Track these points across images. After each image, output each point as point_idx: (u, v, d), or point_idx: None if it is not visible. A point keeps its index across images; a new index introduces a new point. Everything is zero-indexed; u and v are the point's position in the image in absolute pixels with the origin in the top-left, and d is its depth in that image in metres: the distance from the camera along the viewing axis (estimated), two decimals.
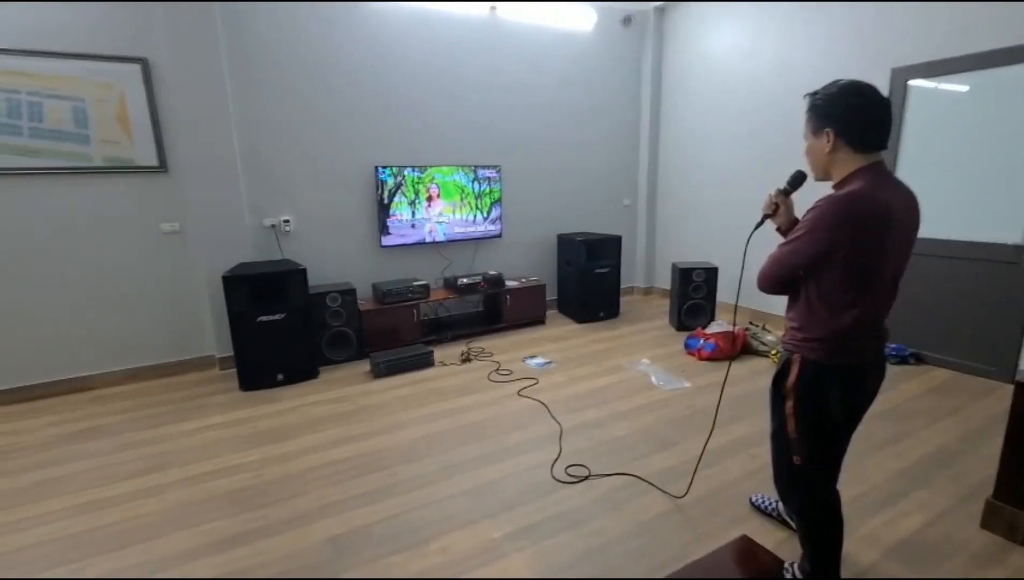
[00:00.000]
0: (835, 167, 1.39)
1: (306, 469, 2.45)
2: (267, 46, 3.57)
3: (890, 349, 3.59)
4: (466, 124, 4.40)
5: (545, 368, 3.63)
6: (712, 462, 2.42)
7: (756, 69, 4.32)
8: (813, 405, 1.46)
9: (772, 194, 1.56)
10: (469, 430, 2.79)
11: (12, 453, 2.68)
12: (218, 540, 1.98)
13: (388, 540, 1.96)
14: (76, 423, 2.99)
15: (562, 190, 5.02)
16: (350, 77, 3.88)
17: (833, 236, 1.30)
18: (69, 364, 3.37)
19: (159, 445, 2.72)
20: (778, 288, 1.49)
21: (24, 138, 3.01)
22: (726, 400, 3.02)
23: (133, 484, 2.38)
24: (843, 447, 1.57)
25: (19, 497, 2.30)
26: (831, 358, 1.41)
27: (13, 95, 2.95)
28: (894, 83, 3.47)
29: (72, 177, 3.18)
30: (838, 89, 1.35)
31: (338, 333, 3.70)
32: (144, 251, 3.45)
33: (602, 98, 5.04)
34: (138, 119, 3.26)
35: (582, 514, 2.09)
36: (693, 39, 4.83)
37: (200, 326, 3.67)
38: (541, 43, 4.59)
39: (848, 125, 1.34)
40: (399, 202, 4.08)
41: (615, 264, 4.75)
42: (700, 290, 4.28)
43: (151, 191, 3.39)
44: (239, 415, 3.03)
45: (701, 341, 3.76)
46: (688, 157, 5.06)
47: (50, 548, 1.97)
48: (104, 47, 3.13)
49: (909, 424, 2.78)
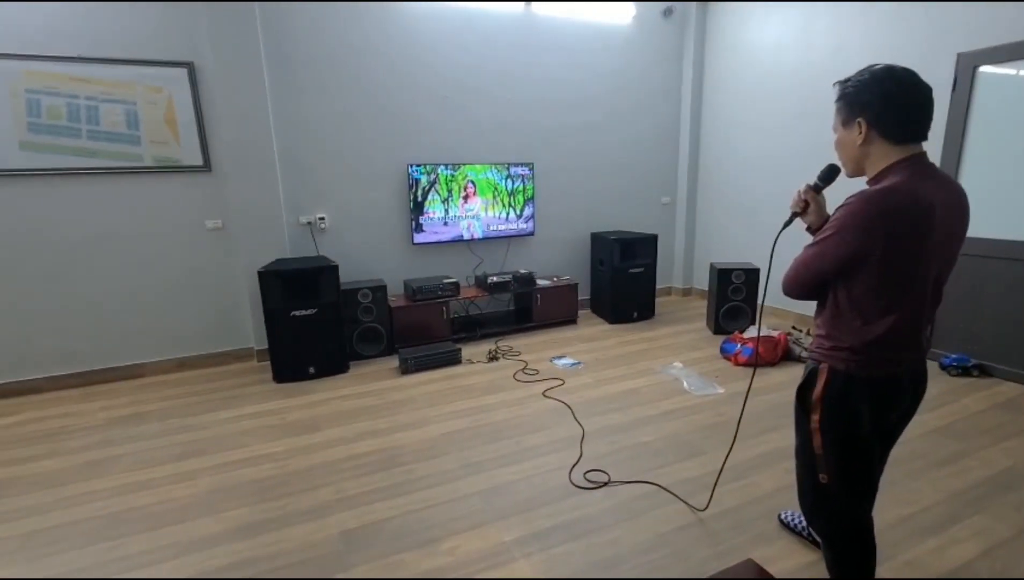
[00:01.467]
0: (868, 161, 1.27)
1: (329, 461, 2.50)
2: (303, 48, 3.67)
3: (950, 359, 3.30)
4: (499, 121, 4.38)
5: (573, 369, 3.56)
6: (741, 475, 2.30)
7: (806, 60, 4.07)
8: (841, 420, 1.34)
9: (801, 190, 1.44)
10: (491, 429, 2.77)
11: (68, 434, 2.87)
12: (239, 527, 2.05)
13: (399, 537, 1.96)
14: (125, 408, 3.17)
15: (597, 188, 4.91)
16: (384, 76, 3.93)
17: (865, 237, 1.18)
18: (123, 352, 3.59)
19: (197, 432, 2.85)
20: (805, 292, 1.37)
21: (82, 140, 3.22)
22: (762, 409, 2.90)
23: (169, 468, 2.50)
24: (876, 467, 1.43)
25: (69, 476, 2.46)
26: (862, 369, 1.29)
27: (73, 100, 3.16)
28: (960, 70, 3.18)
29: (124, 176, 3.38)
30: (870, 75, 1.22)
31: (369, 329, 3.77)
32: (189, 247, 3.62)
33: (640, 93, 4.90)
34: (185, 121, 3.43)
35: (597, 522, 2.02)
36: (738, 31, 4.60)
37: (240, 319, 3.83)
38: (577, 38, 4.50)
39: (882, 114, 1.21)
40: (432, 200, 4.11)
41: (650, 264, 4.61)
42: (739, 292, 4.08)
43: (196, 189, 3.56)
44: (271, 406, 3.13)
45: (738, 345, 3.59)
46: (731, 154, 4.84)
47: (89, 526, 2.10)
48: (154, 52, 3.30)
49: (970, 442, 2.54)
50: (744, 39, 4.57)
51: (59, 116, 3.15)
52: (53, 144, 3.17)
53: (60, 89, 3.13)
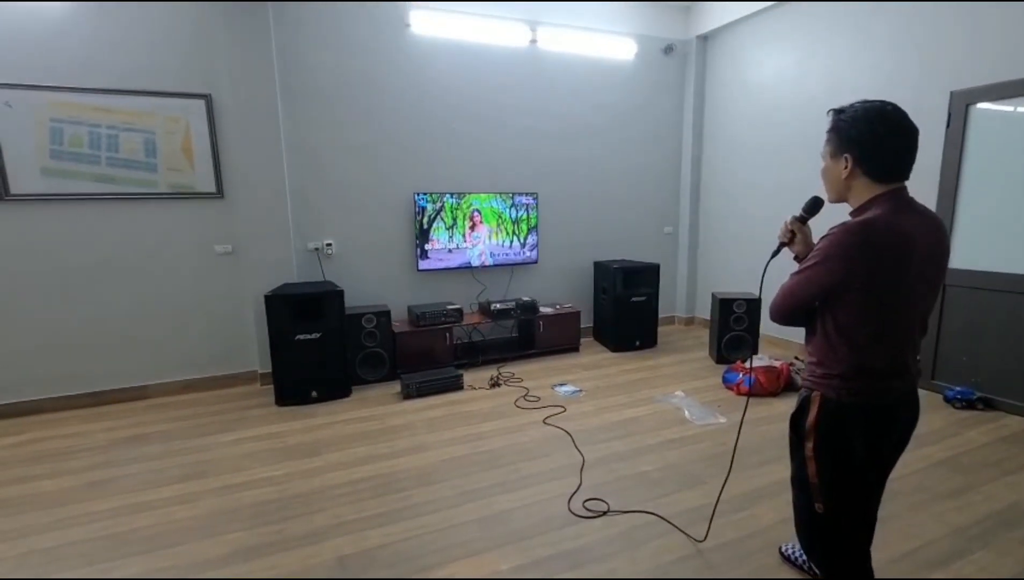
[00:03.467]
0: (851, 193, 1.32)
1: (327, 486, 2.50)
2: (314, 79, 3.81)
3: (954, 392, 3.28)
4: (505, 152, 4.50)
5: (574, 396, 3.56)
6: (742, 506, 2.28)
7: (803, 95, 4.18)
8: (835, 447, 1.35)
9: (788, 221, 1.49)
10: (490, 456, 2.77)
11: (71, 454, 2.89)
12: (237, 550, 2.05)
13: (395, 564, 1.95)
14: (129, 429, 3.20)
15: (600, 217, 4.99)
16: (392, 107, 4.07)
17: (847, 267, 1.22)
18: (129, 373, 3.64)
19: (199, 454, 2.86)
20: (791, 319, 1.41)
21: (102, 166, 3.35)
22: (763, 440, 2.88)
23: (171, 490, 2.50)
24: (873, 496, 1.43)
25: (70, 496, 2.47)
26: (853, 397, 1.31)
27: (95, 128, 3.30)
28: (953, 107, 3.25)
29: (140, 202, 3.49)
30: (864, 111, 1.27)
31: (372, 353, 3.80)
32: (199, 270, 3.70)
33: (643, 125, 5.02)
34: (200, 149, 3.55)
35: (595, 552, 2.01)
36: (737, 66, 4.75)
37: (246, 343, 3.87)
38: (581, 72, 4.66)
39: (869, 154, 1.27)
40: (438, 228, 4.20)
41: (653, 293, 4.64)
42: (741, 322, 4.09)
43: (208, 215, 3.66)
44: (273, 429, 3.14)
45: (740, 375, 3.58)
46: (732, 185, 4.92)
47: (89, 546, 2.10)
48: (174, 84, 3.45)
49: (974, 476, 2.51)
50: (743, 74, 4.70)
51: (80, 144, 3.28)
52: (73, 170, 3.29)
53: (83, 118, 3.26)
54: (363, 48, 3.92)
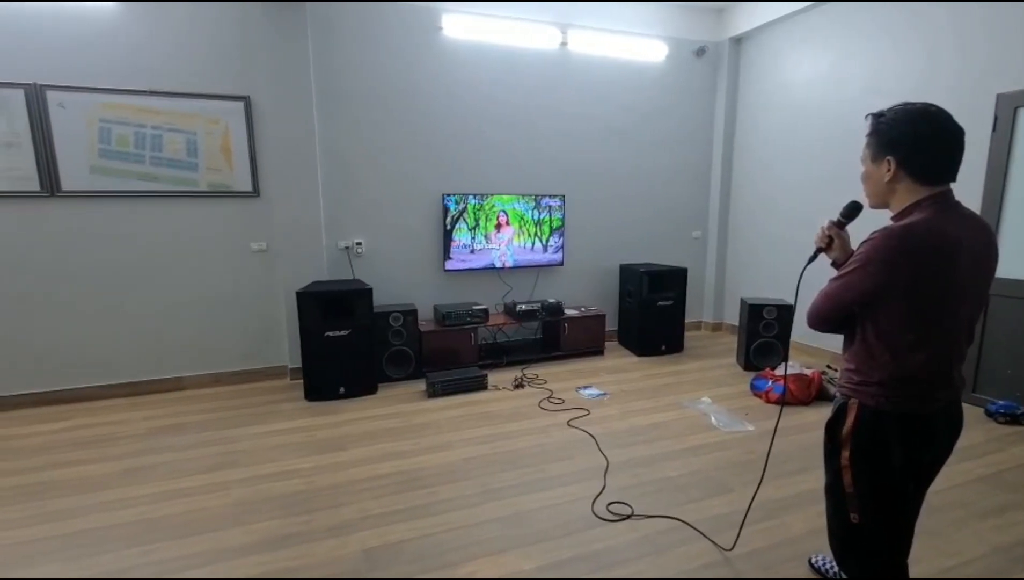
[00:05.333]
0: (894, 197, 1.29)
1: (353, 480, 2.54)
2: (348, 82, 3.90)
3: (997, 405, 3.14)
4: (533, 154, 4.51)
5: (598, 399, 3.54)
6: (771, 515, 2.23)
7: (839, 98, 4.08)
8: (872, 457, 1.31)
9: (825, 226, 1.46)
10: (513, 456, 2.77)
11: (114, 441, 3.01)
12: (266, 539, 2.10)
13: (419, 559, 1.98)
14: (167, 419, 3.31)
15: (627, 220, 4.96)
16: (422, 109, 4.13)
17: (888, 272, 1.19)
18: (166, 365, 3.77)
19: (230, 444, 2.94)
20: (829, 325, 1.38)
21: (146, 165, 3.49)
22: (794, 448, 2.82)
23: (203, 479, 2.59)
24: (911, 509, 1.39)
25: (111, 481, 2.58)
26: (893, 405, 1.27)
27: (140, 129, 3.44)
28: (1000, 110, 3.13)
29: (181, 200, 3.62)
30: (905, 113, 1.24)
31: (398, 352, 3.85)
32: (234, 267, 3.82)
33: (673, 128, 4.97)
34: (238, 150, 3.66)
35: (618, 555, 1.99)
36: (771, 69, 4.66)
37: (277, 338, 3.97)
38: (611, 75, 4.64)
39: (912, 155, 1.23)
40: (460, 228, 4.23)
41: (680, 297, 4.59)
42: (771, 328, 4.01)
43: (244, 213, 3.77)
44: (301, 423, 3.22)
45: (769, 382, 3.51)
46: (763, 189, 4.83)
47: (128, 530, 2.18)
48: (215, 87, 3.57)
49: (1018, 494, 2.40)
50: (776, 77, 4.61)
51: (126, 143, 3.42)
52: (120, 169, 3.44)
53: (130, 119, 3.41)
54: (396, 51, 3.98)
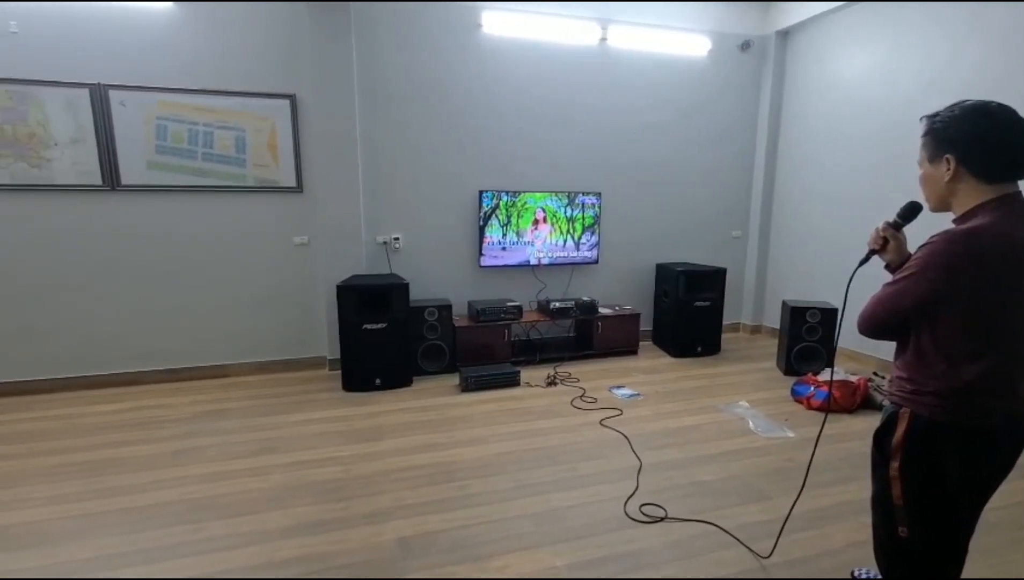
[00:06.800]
0: (956, 199, 1.22)
1: (389, 470, 2.60)
2: (389, 79, 3.96)
3: None
4: (570, 150, 4.49)
5: (632, 400, 3.51)
6: (811, 524, 2.17)
7: (892, 95, 3.89)
8: (924, 469, 1.26)
9: (879, 227, 1.39)
10: (545, 453, 2.78)
11: (160, 424, 3.17)
12: (305, 523, 2.17)
13: (452, 549, 2.00)
14: (211, 404, 3.46)
15: (664, 219, 4.88)
16: (461, 107, 4.16)
17: (949, 279, 1.14)
18: (211, 353, 3.94)
19: (271, 431, 3.05)
20: (881, 332, 1.32)
21: (198, 161, 3.64)
22: (838, 457, 2.72)
23: (246, 463, 2.69)
24: (964, 525, 1.32)
25: (160, 461, 2.71)
26: (948, 416, 1.21)
27: (193, 126, 3.59)
28: None
29: (229, 194, 3.77)
30: (961, 111, 1.18)
31: (433, 346, 3.91)
32: (277, 260, 3.95)
33: (714, 125, 4.86)
34: (284, 146, 3.79)
35: (651, 557, 1.97)
36: (820, 63, 4.49)
37: (317, 329, 4.09)
38: (650, 71, 4.56)
39: (973, 151, 1.17)
40: (492, 225, 4.25)
41: (717, 298, 4.49)
42: (814, 332, 3.87)
43: (288, 208, 3.90)
44: (339, 413, 3.31)
45: (811, 388, 3.39)
46: (808, 189, 4.66)
47: (176, 508, 2.30)
48: (263, 86, 3.70)
49: None
50: (826, 71, 4.44)
51: (181, 140, 3.59)
52: (174, 164, 3.60)
53: (184, 117, 3.57)
54: (436, 49, 4.03)
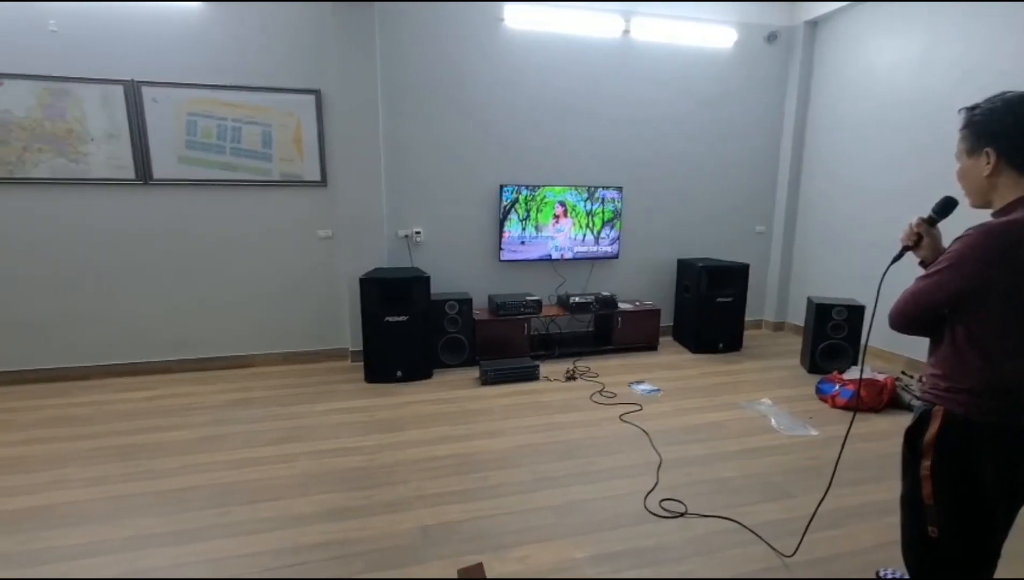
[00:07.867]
0: (996, 193, 1.19)
1: (411, 460, 2.64)
2: (411, 74, 3.99)
3: None
4: (592, 145, 4.46)
5: (651, 395, 3.49)
6: (837, 523, 2.14)
7: (925, 87, 3.77)
8: (957, 468, 1.23)
9: (913, 223, 1.36)
10: (565, 447, 2.79)
11: (191, 411, 3.27)
12: (329, 510, 2.23)
13: (473, 539, 2.03)
14: (237, 393, 3.55)
15: (686, 214, 4.82)
16: (483, 101, 4.17)
17: (985, 273, 1.11)
18: (238, 343, 4.04)
19: (296, 420, 3.12)
20: (914, 328, 1.29)
21: (226, 156, 3.72)
22: (864, 457, 2.68)
23: (272, 450, 2.76)
24: (999, 526, 1.29)
25: (191, 447, 2.80)
26: (984, 415, 1.18)
27: (222, 122, 3.67)
28: None
29: (256, 188, 3.85)
30: (1003, 103, 1.15)
31: (453, 339, 3.94)
32: (302, 253, 4.02)
33: (739, 119, 4.78)
34: (309, 141, 3.84)
35: (672, 552, 1.97)
36: (849, 54, 4.37)
37: (340, 321, 4.16)
38: (674, 63, 4.51)
39: (1015, 144, 1.14)
40: (511, 219, 4.26)
41: (740, 294, 4.43)
42: (840, 330, 3.79)
43: (312, 202, 3.96)
44: (361, 403, 3.36)
45: (837, 386, 3.33)
46: (835, 183, 4.56)
47: (207, 492, 2.37)
48: (289, 81, 3.76)
49: None
50: (855, 64, 4.32)
51: (210, 135, 3.67)
52: (204, 159, 3.69)
53: (214, 112, 3.65)
54: (458, 45, 4.04)
